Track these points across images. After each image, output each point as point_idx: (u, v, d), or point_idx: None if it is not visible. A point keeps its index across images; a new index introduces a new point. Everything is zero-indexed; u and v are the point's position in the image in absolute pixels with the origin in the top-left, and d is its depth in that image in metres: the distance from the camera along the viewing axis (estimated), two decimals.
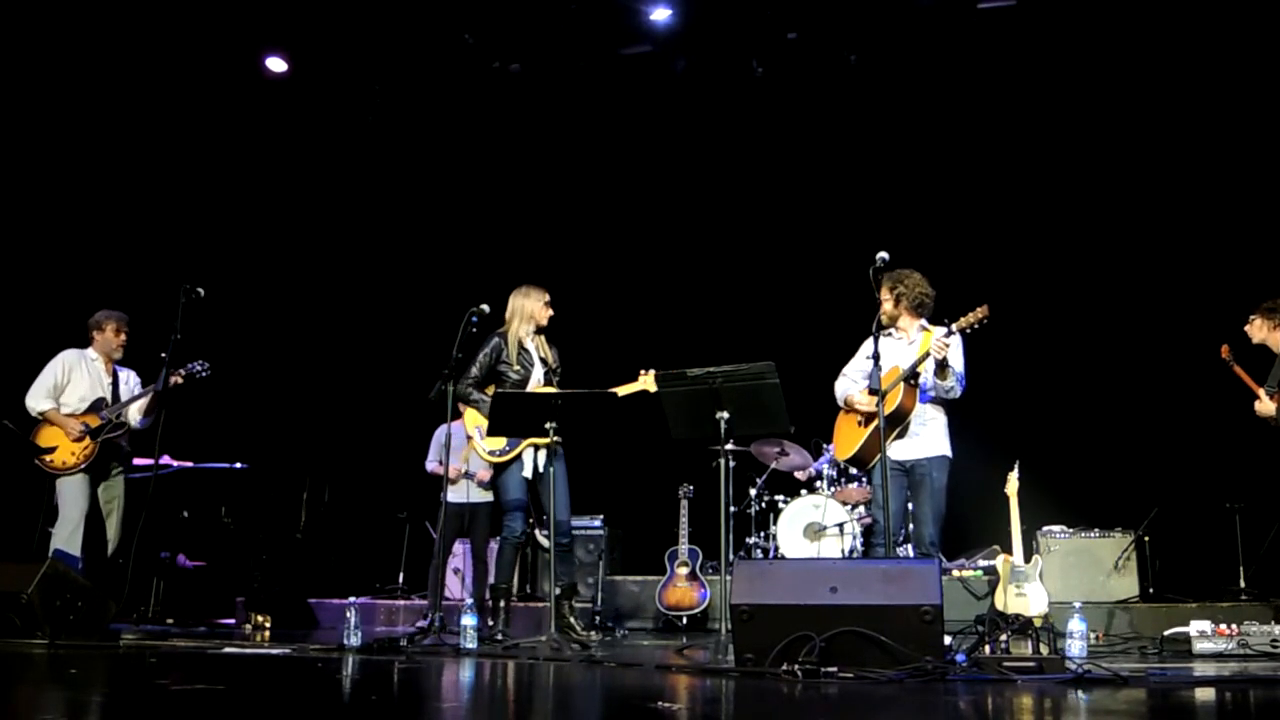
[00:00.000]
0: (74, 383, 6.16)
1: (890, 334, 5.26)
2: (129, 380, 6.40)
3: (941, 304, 5.42)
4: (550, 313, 5.86)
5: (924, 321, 5.24)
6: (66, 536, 5.92)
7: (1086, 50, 8.14)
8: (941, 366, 4.93)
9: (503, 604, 5.81)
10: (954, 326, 4.86)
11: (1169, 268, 7.97)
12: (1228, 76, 7.85)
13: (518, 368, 5.72)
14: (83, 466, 6.00)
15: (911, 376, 4.99)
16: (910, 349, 5.14)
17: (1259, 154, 7.77)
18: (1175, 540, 7.17)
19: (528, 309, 5.80)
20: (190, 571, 7.61)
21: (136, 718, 2.84)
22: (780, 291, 8.73)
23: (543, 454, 5.66)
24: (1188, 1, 7.82)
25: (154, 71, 8.63)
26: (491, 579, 6.18)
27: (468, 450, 6.20)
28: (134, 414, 6.27)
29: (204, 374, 6.33)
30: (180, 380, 6.21)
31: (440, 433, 7.09)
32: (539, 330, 5.85)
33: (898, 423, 5.04)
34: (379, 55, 8.96)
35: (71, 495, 6.00)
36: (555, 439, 5.44)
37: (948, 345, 4.86)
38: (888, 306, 5.20)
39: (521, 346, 5.77)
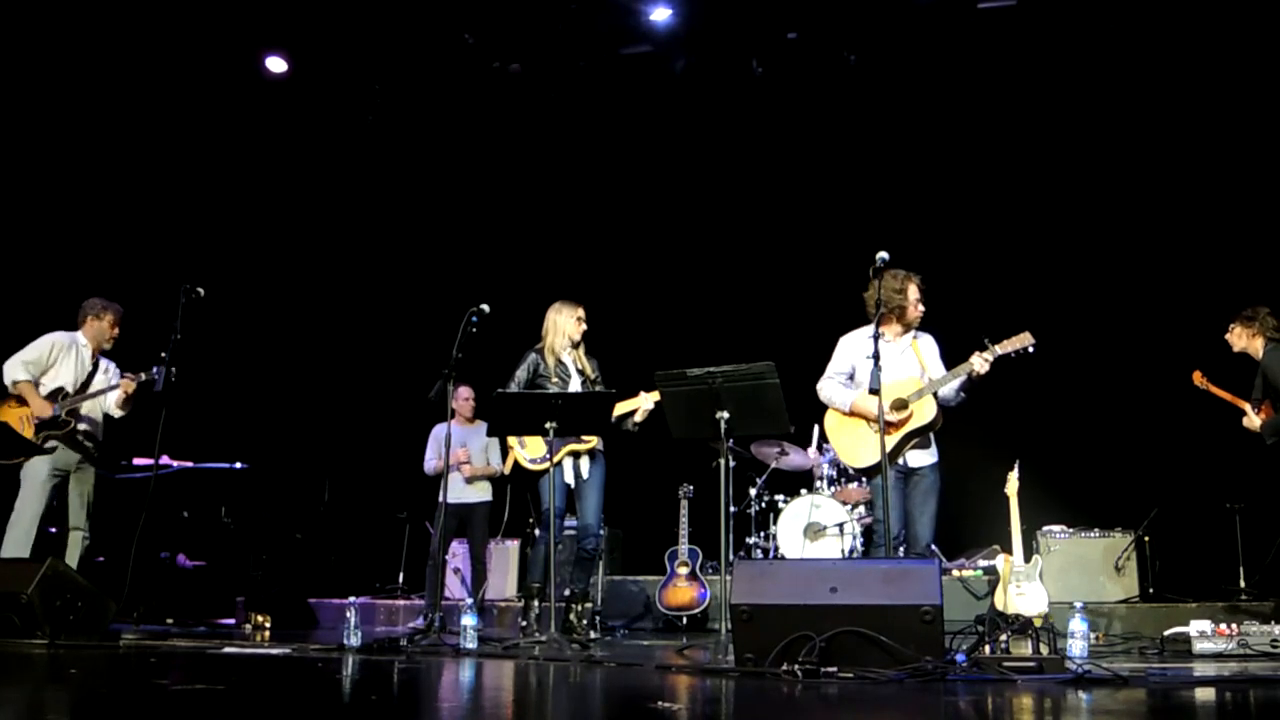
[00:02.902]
0: (58, 365, 6.05)
1: (883, 336, 5.16)
2: (108, 370, 6.27)
3: (941, 304, 5.42)
4: (583, 327, 5.95)
5: (911, 332, 5.23)
6: (18, 539, 5.81)
7: (1087, 50, 8.14)
8: (971, 383, 4.95)
9: (535, 603, 5.84)
10: (996, 349, 4.86)
11: (1169, 268, 7.97)
12: (1228, 76, 7.85)
13: (555, 380, 5.81)
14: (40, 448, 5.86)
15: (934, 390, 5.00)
16: (904, 356, 5.14)
17: (1258, 155, 7.76)
18: (1175, 540, 7.18)
19: (560, 325, 5.92)
20: (190, 571, 7.61)
21: (136, 718, 2.84)
22: (780, 291, 8.73)
23: (584, 460, 5.83)
24: (1188, 2, 7.82)
25: (154, 71, 8.63)
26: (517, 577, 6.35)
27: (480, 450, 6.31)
28: (112, 407, 6.19)
29: (165, 375, 5.96)
30: (133, 387, 6.03)
31: (438, 430, 7.10)
32: (575, 344, 5.94)
33: (925, 434, 5.07)
34: (379, 55, 8.96)
35: (29, 493, 5.89)
36: (593, 444, 5.76)
37: (989, 363, 4.85)
38: (912, 311, 5.16)
39: (559, 360, 5.87)
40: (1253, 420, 5.86)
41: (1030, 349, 4.83)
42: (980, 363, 4.85)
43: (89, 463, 6.17)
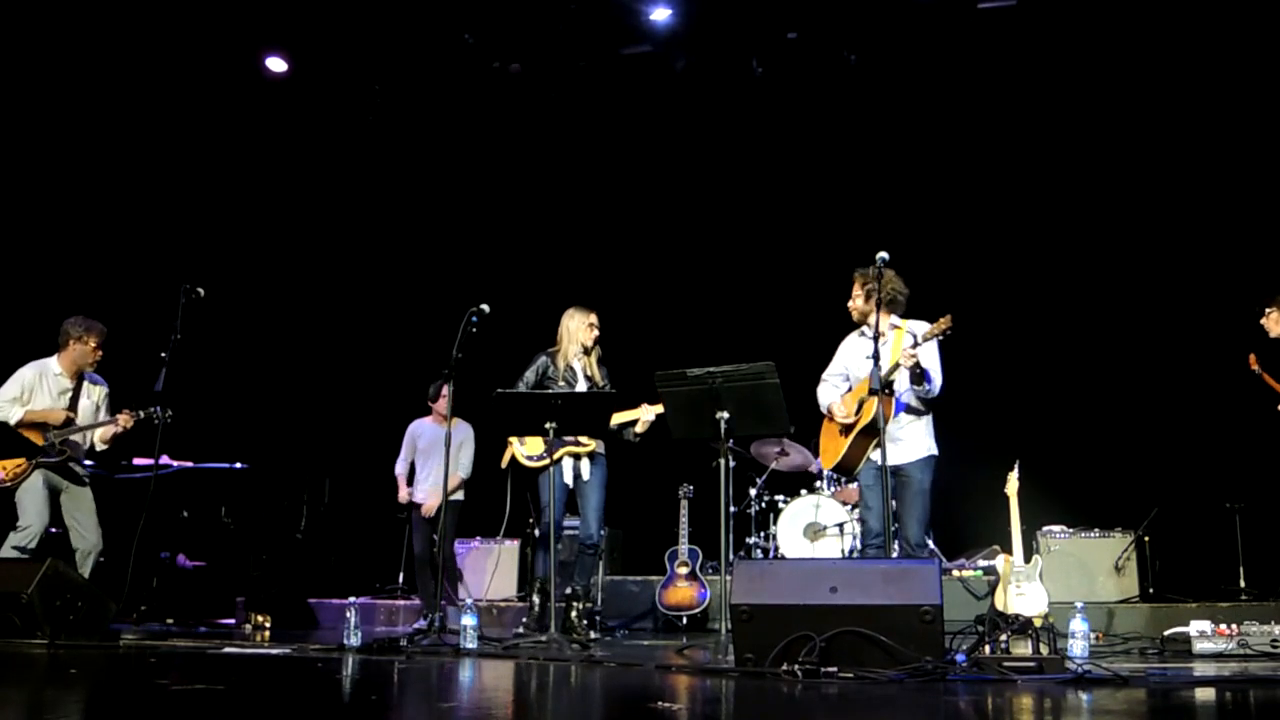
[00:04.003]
0: (32, 402, 5.97)
1: (864, 333, 5.22)
2: (92, 395, 6.13)
3: (941, 304, 5.41)
4: (595, 333, 5.99)
5: (895, 319, 5.14)
6: (21, 548, 5.76)
7: (1087, 50, 8.13)
8: (917, 375, 4.90)
9: (541, 599, 5.86)
10: (920, 338, 4.85)
11: (1169, 267, 7.97)
12: (1228, 75, 7.85)
13: (562, 384, 5.85)
14: (10, 484, 5.82)
15: (885, 386, 4.89)
16: (884, 348, 4.99)
17: (1259, 152, 7.76)
18: (1175, 540, 7.17)
19: (573, 331, 5.97)
20: (190, 571, 7.60)
21: (136, 718, 2.84)
22: (780, 291, 8.72)
23: (584, 462, 5.81)
24: (1188, 1, 7.82)
25: (154, 71, 8.63)
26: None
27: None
28: (97, 441, 6.09)
29: (162, 422, 5.93)
30: (131, 423, 5.96)
31: (413, 428, 7.13)
32: (587, 350, 5.98)
33: (876, 432, 4.93)
34: (379, 55, 8.96)
35: (29, 506, 5.84)
36: (592, 446, 5.78)
37: (915, 356, 4.82)
38: (858, 303, 5.18)
39: (569, 365, 5.92)
40: None
41: (949, 332, 4.80)
42: (906, 356, 4.83)
43: (76, 484, 6.05)
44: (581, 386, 5.88)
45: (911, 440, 5.09)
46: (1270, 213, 7.63)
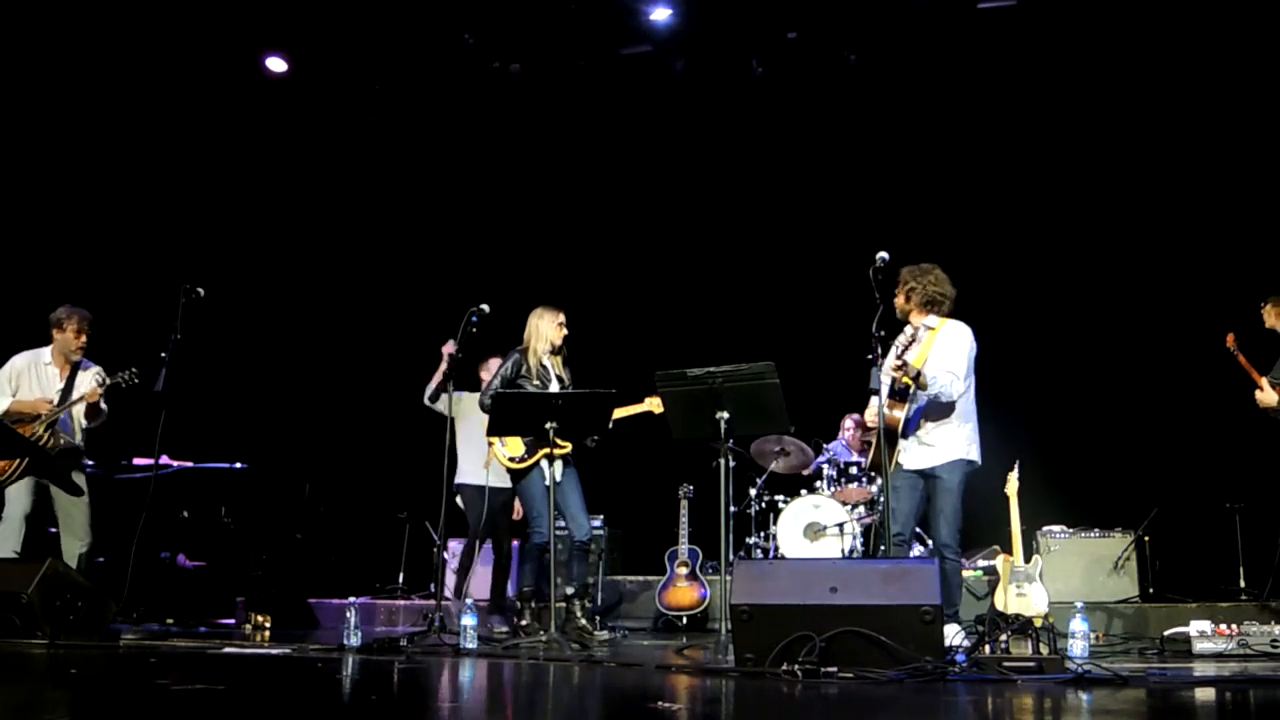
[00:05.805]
0: (20, 390, 5.95)
1: (909, 332, 5.19)
2: (84, 382, 6.05)
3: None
4: (564, 333, 6.00)
5: (929, 320, 5.13)
6: (5, 538, 5.76)
7: (1087, 50, 8.14)
8: (921, 383, 4.87)
9: (531, 605, 5.87)
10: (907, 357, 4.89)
11: (1168, 267, 7.97)
12: (1227, 76, 7.85)
13: (536, 383, 5.85)
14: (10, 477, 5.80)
15: (903, 390, 4.90)
16: (917, 347, 5.05)
17: (1260, 151, 7.76)
18: (1175, 540, 7.18)
19: (542, 330, 5.96)
20: (190, 571, 7.60)
21: (136, 718, 2.84)
22: (780, 291, 8.73)
23: (557, 463, 5.82)
24: (1188, 1, 7.82)
25: (154, 71, 8.63)
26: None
27: (489, 456, 6.30)
28: (79, 417, 6.04)
29: (128, 383, 5.88)
30: (100, 393, 5.91)
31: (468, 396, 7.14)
32: (555, 350, 5.99)
33: (890, 437, 4.96)
34: (379, 55, 8.96)
35: (12, 493, 5.83)
36: (566, 449, 5.75)
37: (903, 371, 4.81)
38: (899, 301, 5.15)
39: (540, 364, 5.93)
40: (1269, 396, 5.87)
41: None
42: (892, 370, 4.83)
43: (65, 489, 5.94)
44: (554, 386, 5.90)
45: (942, 444, 5.04)
46: (1271, 213, 7.63)
